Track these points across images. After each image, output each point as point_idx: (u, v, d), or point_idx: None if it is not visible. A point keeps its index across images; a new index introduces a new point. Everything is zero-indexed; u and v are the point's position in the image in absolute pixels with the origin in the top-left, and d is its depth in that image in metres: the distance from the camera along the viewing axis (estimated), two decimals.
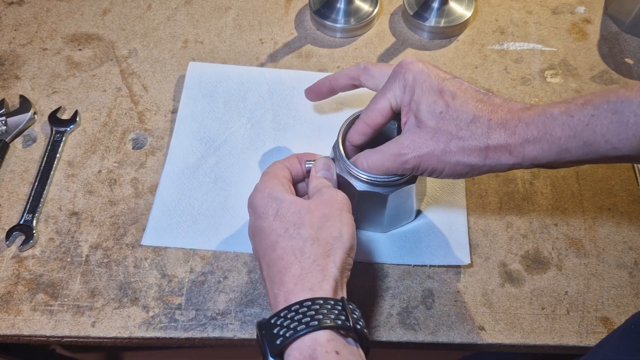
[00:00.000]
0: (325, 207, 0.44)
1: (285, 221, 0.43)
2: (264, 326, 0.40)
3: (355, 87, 0.54)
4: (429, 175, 0.46)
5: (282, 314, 0.39)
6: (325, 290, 0.40)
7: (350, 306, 0.41)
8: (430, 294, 0.54)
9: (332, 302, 0.40)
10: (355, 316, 0.40)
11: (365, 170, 0.48)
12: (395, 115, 0.48)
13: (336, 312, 0.39)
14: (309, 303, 0.39)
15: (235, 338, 0.51)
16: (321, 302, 0.39)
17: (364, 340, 0.40)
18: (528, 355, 0.82)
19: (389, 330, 0.52)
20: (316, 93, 0.57)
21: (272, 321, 0.39)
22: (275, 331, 0.39)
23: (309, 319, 0.38)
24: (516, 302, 0.53)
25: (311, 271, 0.41)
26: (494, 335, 0.52)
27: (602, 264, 0.56)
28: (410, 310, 0.53)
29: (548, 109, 0.41)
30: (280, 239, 0.43)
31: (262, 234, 0.44)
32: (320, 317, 0.38)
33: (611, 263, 0.56)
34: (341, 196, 0.46)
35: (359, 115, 0.52)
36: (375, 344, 0.51)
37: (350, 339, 0.40)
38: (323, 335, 0.38)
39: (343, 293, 0.43)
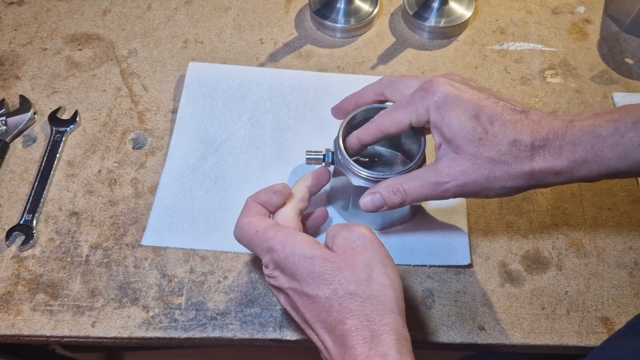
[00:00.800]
0: (360, 255, 0.41)
1: (328, 281, 0.40)
2: None
3: (381, 102, 0.52)
4: (471, 197, 0.45)
5: None
6: (401, 354, 0.38)
7: None
8: (430, 293, 0.54)
9: None
10: None
11: (403, 197, 0.46)
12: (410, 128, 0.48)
13: None
14: None
15: (235, 338, 0.51)
16: None
17: None
18: (528, 355, 0.82)
19: None
20: (342, 112, 0.55)
21: None
22: None
23: None
24: (516, 302, 0.53)
25: (383, 333, 0.38)
26: (494, 335, 0.52)
27: (602, 264, 0.56)
28: (410, 310, 0.53)
29: (595, 128, 0.40)
30: (333, 302, 0.40)
31: (308, 297, 0.41)
32: None
33: (611, 263, 0.56)
34: (366, 233, 0.42)
35: (358, 113, 0.52)
36: None
37: None
38: None
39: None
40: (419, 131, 0.51)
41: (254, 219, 0.46)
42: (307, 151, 0.52)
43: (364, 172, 0.49)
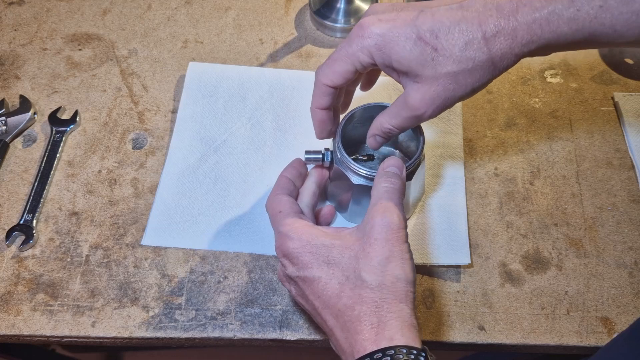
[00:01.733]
0: (382, 247, 0.41)
1: (343, 268, 0.41)
2: None
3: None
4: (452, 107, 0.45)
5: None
6: (407, 337, 0.38)
7: (432, 357, 0.39)
8: (430, 293, 0.54)
9: (415, 352, 0.38)
10: None
11: (395, 132, 0.47)
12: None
13: None
14: (392, 352, 0.37)
15: (235, 338, 0.51)
16: (404, 351, 0.37)
17: None
18: (528, 355, 0.82)
19: None
20: (327, 129, 0.51)
21: None
22: None
23: None
24: (516, 302, 0.53)
25: (389, 320, 0.39)
26: (494, 335, 0.52)
27: (602, 264, 0.56)
28: None
29: (548, 3, 0.38)
30: (345, 288, 0.41)
31: (318, 284, 0.42)
32: None
33: (611, 263, 0.56)
34: (395, 226, 0.42)
35: (357, 111, 0.52)
36: None
37: None
38: None
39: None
40: (417, 129, 0.51)
41: (285, 198, 0.48)
42: (306, 151, 0.52)
43: (364, 170, 0.49)
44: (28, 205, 0.57)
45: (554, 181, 0.61)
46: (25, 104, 0.64)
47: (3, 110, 0.64)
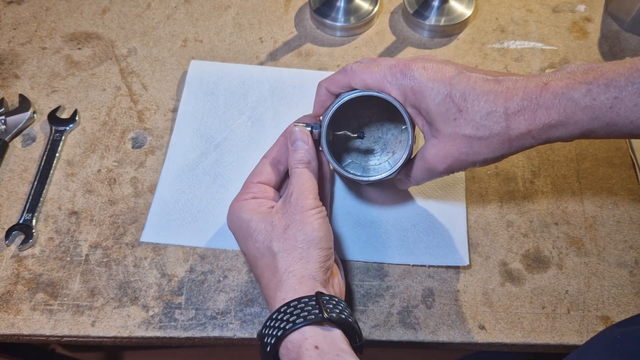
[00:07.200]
0: (288, 216, 0.46)
1: (257, 240, 0.46)
2: (259, 335, 0.44)
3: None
4: (463, 170, 0.48)
5: (267, 323, 0.43)
6: (302, 291, 0.43)
7: (326, 297, 0.42)
8: (430, 293, 0.54)
9: (307, 300, 0.42)
10: (330, 306, 0.42)
11: (415, 182, 0.51)
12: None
13: (310, 307, 0.41)
14: (285, 307, 0.42)
15: (235, 337, 0.51)
16: (295, 303, 0.42)
17: (346, 327, 0.42)
18: (529, 354, 0.82)
19: (389, 330, 0.52)
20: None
21: (263, 331, 0.43)
22: (265, 340, 0.42)
23: (285, 322, 0.41)
24: (517, 301, 0.53)
25: (286, 280, 0.44)
26: (495, 334, 0.52)
27: (602, 262, 0.56)
28: (410, 309, 0.53)
29: (568, 90, 0.40)
30: (257, 260, 0.47)
31: (245, 256, 0.49)
32: (294, 317, 0.41)
33: (612, 262, 0.56)
34: (293, 198, 0.47)
35: (336, 107, 0.50)
36: (375, 343, 0.51)
37: (334, 329, 0.41)
38: (305, 333, 0.40)
39: (331, 285, 0.46)
40: (411, 124, 0.50)
41: (265, 168, 0.51)
42: (295, 123, 0.52)
43: (342, 171, 0.50)
44: (27, 205, 0.57)
45: (555, 180, 0.61)
46: (24, 103, 0.64)
47: (2, 109, 0.64)
